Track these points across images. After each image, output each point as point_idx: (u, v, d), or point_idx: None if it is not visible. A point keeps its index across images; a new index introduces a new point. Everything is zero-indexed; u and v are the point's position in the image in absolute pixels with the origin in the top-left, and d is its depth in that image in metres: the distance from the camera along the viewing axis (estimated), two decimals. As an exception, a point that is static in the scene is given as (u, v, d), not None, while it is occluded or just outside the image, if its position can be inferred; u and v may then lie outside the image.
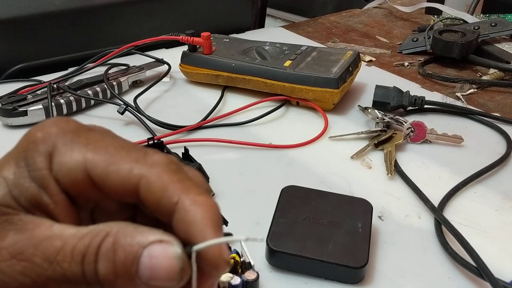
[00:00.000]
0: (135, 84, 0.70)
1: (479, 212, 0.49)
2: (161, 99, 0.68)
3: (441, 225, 0.45)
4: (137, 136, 0.58)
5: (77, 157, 0.22)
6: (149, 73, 0.72)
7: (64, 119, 0.24)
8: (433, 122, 0.61)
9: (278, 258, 0.41)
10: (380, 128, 0.60)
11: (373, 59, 0.83)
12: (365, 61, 0.82)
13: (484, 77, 0.77)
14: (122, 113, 0.59)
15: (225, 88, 0.70)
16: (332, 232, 0.42)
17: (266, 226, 0.42)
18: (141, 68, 0.71)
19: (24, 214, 0.22)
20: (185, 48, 0.71)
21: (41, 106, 0.60)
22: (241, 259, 0.39)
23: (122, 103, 0.60)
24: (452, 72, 0.79)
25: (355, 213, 0.44)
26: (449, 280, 0.41)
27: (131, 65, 0.71)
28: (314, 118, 0.64)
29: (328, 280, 0.40)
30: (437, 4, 0.96)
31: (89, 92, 0.64)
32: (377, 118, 0.61)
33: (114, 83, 0.67)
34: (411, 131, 0.59)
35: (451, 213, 0.48)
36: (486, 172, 0.53)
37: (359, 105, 0.65)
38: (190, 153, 0.52)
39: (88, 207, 0.25)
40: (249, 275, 0.37)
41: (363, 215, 0.44)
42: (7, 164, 0.23)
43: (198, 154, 0.53)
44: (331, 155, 0.57)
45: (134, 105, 0.63)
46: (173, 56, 0.74)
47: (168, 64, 0.73)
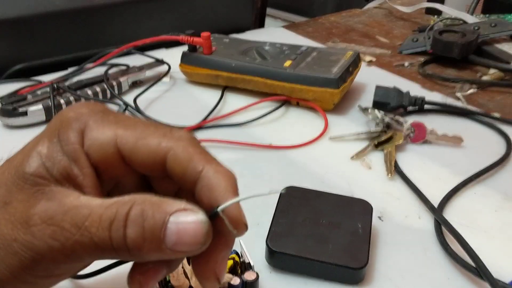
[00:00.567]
0: (135, 84, 0.70)
1: (479, 213, 0.49)
2: (161, 99, 0.68)
3: (441, 226, 0.45)
4: (137, 136, 0.58)
5: (108, 133, 0.25)
6: (149, 73, 0.71)
7: (93, 102, 0.26)
8: (433, 123, 0.61)
9: (278, 259, 0.41)
10: (380, 129, 0.60)
11: (373, 59, 0.83)
12: (365, 61, 0.82)
13: (484, 77, 0.77)
14: (122, 113, 0.59)
15: (225, 88, 0.70)
16: (332, 233, 0.42)
17: (266, 227, 0.42)
18: (141, 68, 0.71)
19: (55, 185, 0.24)
20: (185, 48, 0.71)
21: (41, 106, 0.60)
22: (241, 260, 0.39)
23: (122, 103, 0.60)
24: (452, 72, 0.79)
25: (355, 214, 0.44)
26: (449, 281, 0.41)
27: (131, 65, 0.71)
28: (314, 119, 0.64)
29: (328, 281, 0.40)
30: (437, 4, 0.96)
31: (89, 92, 0.64)
32: (377, 119, 0.61)
33: (114, 83, 0.67)
34: (411, 132, 0.59)
35: (451, 214, 0.48)
36: (486, 173, 0.53)
37: (359, 106, 0.65)
38: (190, 153, 0.52)
39: (110, 185, 0.27)
40: (249, 276, 0.37)
41: (363, 216, 0.44)
42: (41, 141, 0.25)
43: (198, 154, 0.53)
44: (331, 156, 0.57)
45: (134, 105, 0.63)
46: (173, 56, 0.74)
47: (168, 64, 0.73)
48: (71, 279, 0.37)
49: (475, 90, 0.73)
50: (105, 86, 0.65)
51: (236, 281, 0.36)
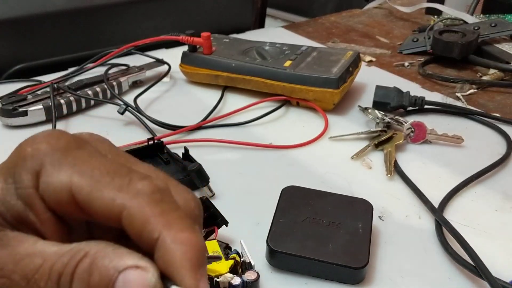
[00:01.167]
0: (135, 84, 0.70)
1: (479, 213, 0.49)
2: (161, 99, 0.68)
3: (441, 226, 0.45)
4: (137, 136, 0.58)
5: (63, 179, 0.22)
6: (149, 73, 0.71)
7: (56, 134, 0.23)
8: (433, 122, 0.61)
9: (278, 258, 0.40)
10: (380, 129, 0.60)
11: (373, 59, 0.83)
12: (365, 61, 0.82)
13: (484, 78, 0.77)
14: (122, 113, 0.59)
15: (225, 88, 0.70)
16: (333, 233, 0.42)
17: (266, 227, 0.42)
18: (141, 68, 0.71)
19: (10, 230, 0.22)
20: (185, 48, 0.71)
21: (41, 106, 0.60)
22: (241, 259, 0.39)
23: (122, 103, 0.60)
24: (452, 72, 0.79)
25: (356, 213, 0.44)
26: (449, 280, 0.41)
27: (131, 65, 0.71)
28: (314, 118, 0.64)
29: (329, 281, 0.40)
30: (437, 4, 0.96)
31: (89, 92, 0.64)
32: (377, 118, 0.61)
33: (114, 83, 0.67)
34: (411, 132, 0.59)
35: (451, 214, 0.48)
36: (486, 173, 0.53)
37: (359, 105, 0.65)
38: (190, 153, 0.52)
39: (81, 221, 0.24)
40: (249, 275, 0.37)
41: (364, 216, 0.44)
42: None
43: (198, 154, 0.53)
44: (331, 155, 0.57)
45: (134, 105, 0.63)
46: (173, 56, 0.74)
47: (168, 64, 0.73)
48: None
49: (475, 90, 0.73)
50: (105, 86, 0.65)
51: (237, 281, 0.36)
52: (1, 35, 0.71)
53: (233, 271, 0.38)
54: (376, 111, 0.61)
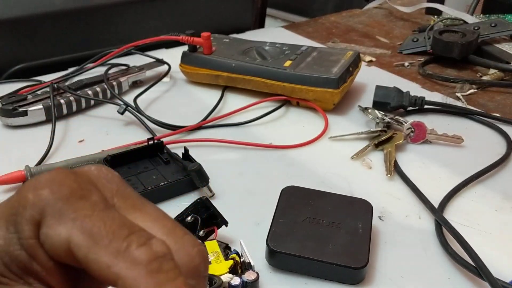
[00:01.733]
0: (135, 84, 0.70)
1: (479, 213, 0.49)
2: (161, 99, 0.68)
3: (441, 226, 0.45)
4: (137, 136, 0.58)
5: (63, 234, 0.22)
6: (149, 73, 0.72)
7: (59, 179, 0.23)
8: (433, 122, 0.61)
9: (278, 259, 0.40)
10: (380, 128, 0.60)
11: (373, 59, 0.83)
12: (365, 61, 0.82)
13: (484, 78, 0.77)
14: (122, 113, 0.59)
15: (225, 88, 0.70)
16: (332, 233, 0.42)
17: (266, 227, 0.42)
18: (141, 68, 0.71)
19: (21, 285, 0.22)
20: (185, 48, 0.71)
21: (41, 106, 0.60)
22: (241, 260, 0.39)
23: (122, 103, 0.60)
24: (452, 72, 0.79)
25: (355, 214, 0.44)
26: (449, 280, 0.41)
27: (131, 65, 0.71)
28: (314, 118, 0.64)
29: (328, 281, 0.40)
30: (437, 4, 0.96)
31: (89, 92, 0.64)
32: (377, 118, 0.61)
33: (114, 83, 0.67)
34: (411, 131, 0.59)
35: (451, 213, 0.48)
36: (486, 173, 0.53)
37: (359, 105, 0.65)
38: (190, 153, 0.52)
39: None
40: (249, 276, 0.37)
41: (363, 216, 0.44)
42: None
43: (198, 154, 0.53)
44: (331, 155, 0.57)
45: (134, 105, 0.63)
46: (173, 56, 0.74)
47: (168, 64, 0.73)
48: None
49: (475, 90, 0.73)
50: (105, 86, 0.65)
51: (237, 281, 0.36)
52: (1, 35, 0.71)
53: (233, 271, 0.38)
54: (376, 111, 0.61)
